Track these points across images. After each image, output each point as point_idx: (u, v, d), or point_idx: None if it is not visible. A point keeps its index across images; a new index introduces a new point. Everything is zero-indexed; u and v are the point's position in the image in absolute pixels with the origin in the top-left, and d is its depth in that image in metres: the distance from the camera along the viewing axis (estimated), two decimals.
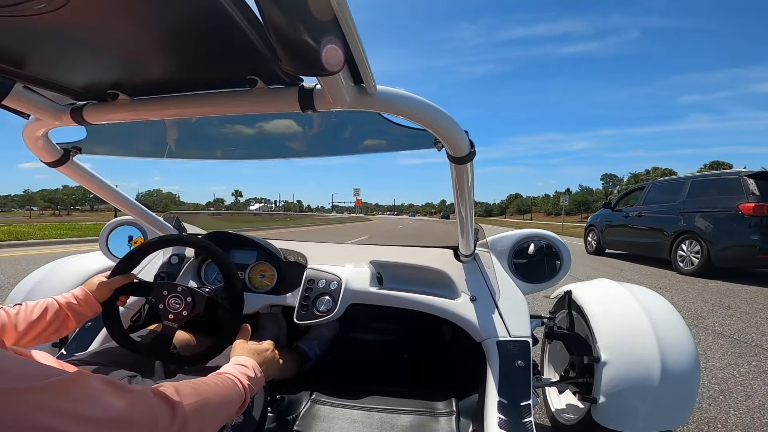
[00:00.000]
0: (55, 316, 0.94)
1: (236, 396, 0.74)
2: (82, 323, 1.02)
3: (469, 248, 1.40)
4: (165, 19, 0.55)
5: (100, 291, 1.04)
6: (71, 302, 0.99)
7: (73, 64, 0.69)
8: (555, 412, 1.64)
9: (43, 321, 0.92)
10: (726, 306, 4.34)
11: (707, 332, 3.37)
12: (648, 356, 1.22)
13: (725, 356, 2.81)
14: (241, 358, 0.89)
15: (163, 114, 0.83)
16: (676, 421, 1.22)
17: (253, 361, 0.89)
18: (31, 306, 0.93)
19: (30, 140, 1.00)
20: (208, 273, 1.54)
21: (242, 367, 0.84)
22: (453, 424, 1.19)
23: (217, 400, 0.68)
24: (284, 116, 1.09)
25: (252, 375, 0.83)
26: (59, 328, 0.96)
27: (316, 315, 1.33)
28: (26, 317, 0.90)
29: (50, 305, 0.95)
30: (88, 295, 1.02)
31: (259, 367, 0.88)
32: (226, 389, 0.73)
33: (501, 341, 1.20)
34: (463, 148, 0.89)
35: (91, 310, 1.02)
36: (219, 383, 0.73)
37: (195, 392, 0.63)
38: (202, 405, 0.63)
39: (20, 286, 1.68)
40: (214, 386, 0.70)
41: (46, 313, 0.93)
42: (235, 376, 0.78)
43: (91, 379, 0.49)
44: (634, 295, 1.44)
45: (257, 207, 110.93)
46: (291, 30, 0.50)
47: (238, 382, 0.77)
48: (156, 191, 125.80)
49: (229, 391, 0.73)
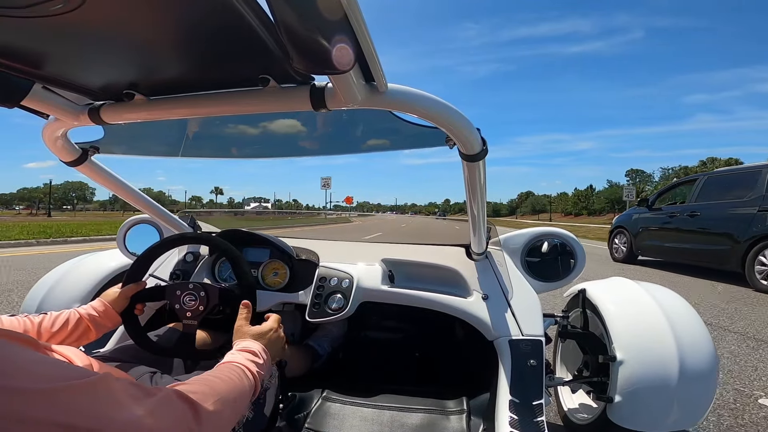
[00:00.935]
0: (76, 326, 0.96)
1: (248, 386, 0.74)
2: (102, 334, 1.04)
3: (481, 246, 1.39)
4: (179, 20, 0.56)
5: (117, 302, 1.06)
6: (91, 314, 1.00)
7: (89, 65, 0.71)
8: (568, 412, 1.63)
9: (64, 331, 0.94)
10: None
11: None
12: (666, 355, 1.20)
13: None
14: (246, 342, 0.87)
15: (177, 113, 0.84)
16: (693, 420, 1.21)
17: (258, 344, 0.87)
18: (54, 316, 0.95)
19: (49, 140, 1.03)
20: (221, 270, 1.56)
21: (249, 354, 0.83)
22: (464, 422, 1.19)
23: (234, 394, 0.68)
24: (295, 115, 1.10)
25: (260, 361, 0.82)
26: (80, 338, 0.98)
27: (328, 313, 1.34)
28: (49, 327, 0.92)
29: (72, 316, 0.97)
30: (107, 306, 1.04)
31: (265, 351, 0.87)
32: (239, 381, 0.73)
33: (513, 340, 1.20)
34: (475, 145, 0.88)
35: (111, 321, 1.04)
36: (232, 376, 0.73)
37: (212, 390, 0.64)
38: (221, 402, 0.63)
39: (40, 284, 1.72)
40: (228, 381, 0.70)
41: (68, 324, 0.95)
42: (245, 365, 0.78)
43: (116, 382, 0.50)
44: (651, 294, 1.42)
45: (254, 206, 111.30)
46: (302, 29, 0.51)
47: (248, 372, 0.77)
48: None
49: (242, 383, 0.73)
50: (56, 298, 1.63)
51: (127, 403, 0.49)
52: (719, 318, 3.71)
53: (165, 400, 0.54)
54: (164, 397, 0.54)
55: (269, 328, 0.96)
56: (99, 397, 0.47)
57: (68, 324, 0.95)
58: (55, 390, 0.43)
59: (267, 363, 0.86)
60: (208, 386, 0.65)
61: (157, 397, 0.53)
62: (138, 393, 0.51)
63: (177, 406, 0.55)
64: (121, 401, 0.48)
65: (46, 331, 0.91)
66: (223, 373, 0.73)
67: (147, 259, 1.15)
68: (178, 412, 0.55)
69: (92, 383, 0.47)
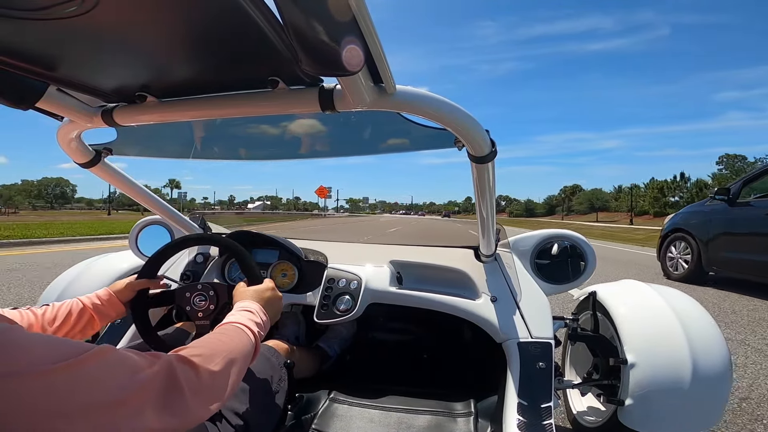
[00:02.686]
0: (80, 316, 0.97)
1: (249, 345, 0.75)
2: (106, 324, 1.04)
3: (490, 248, 1.38)
4: (189, 22, 0.56)
5: (123, 292, 1.06)
6: (95, 302, 1.01)
7: (102, 67, 0.72)
8: (577, 415, 1.61)
9: (69, 321, 0.95)
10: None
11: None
12: (678, 358, 1.18)
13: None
14: (245, 303, 0.88)
15: (189, 115, 0.85)
16: (706, 424, 1.19)
17: (256, 304, 0.88)
18: (57, 306, 0.96)
19: (64, 142, 1.04)
20: (231, 271, 1.57)
21: (248, 313, 0.83)
22: (471, 425, 1.18)
23: (234, 354, 0.69)
24: (304, 117, 1.10)
25: (258, 320, 0.83)
26: (85, 328, 0.99)
27: (336, 314, 1.34)
28: (53, 318, 0.93)
29: (75, 305, 0.98)
30: (111, 295, 1.04)
31: (264, 311, 0.88)
32: (240, 340, 0.73)
33: (522, 342, 1.19)
34: (484, 147, 0.88)
35: (115, 310, 1.05)
36: (233, 336, 0.73)
37: (214, 351, 0.65)
38: (223, 362, 0.64)
39: (54, 285, 1.75)
40: (229, 341, 0.71)
41: (71, 313, 0.96)
42: (244, 324, 0.79)
43: (115, 352, 0.51)
44: (663, 297, 1.40)
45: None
46: (310, 31, 0.51)
47: (248, 330, 0.77)
48: None
49: (242, 342, 0.74)
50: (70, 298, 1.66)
51: (130, 371, 0.50)
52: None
53: (165, 363, 0.55)
54: (165, 360, 0.55)
55: (266, 287, 0.97)
56: (102, 368, 0.48)
57: (72, 314, 0.96)
58: (55, 369, 0.44)
59: (266, 322, 0.87)
60: (210, 348, 0.66)
61: (159, 360, 0.54)
62: (140, 361, 0.52)
63: (177, 367, 0.56)
64: (124, 370, 0.50)
65: (49, 323, 0.92)
66: (223, 333, 0.74)
67: (158, 260, 1.16)
68: (179, 373, 0.55)
69: (93, 355, 0.48)
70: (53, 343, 0.48)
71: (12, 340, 0.44)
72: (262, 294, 0.94)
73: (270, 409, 1.02)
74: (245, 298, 0.91)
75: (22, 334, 0.46)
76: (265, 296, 0.94)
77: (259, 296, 0.93)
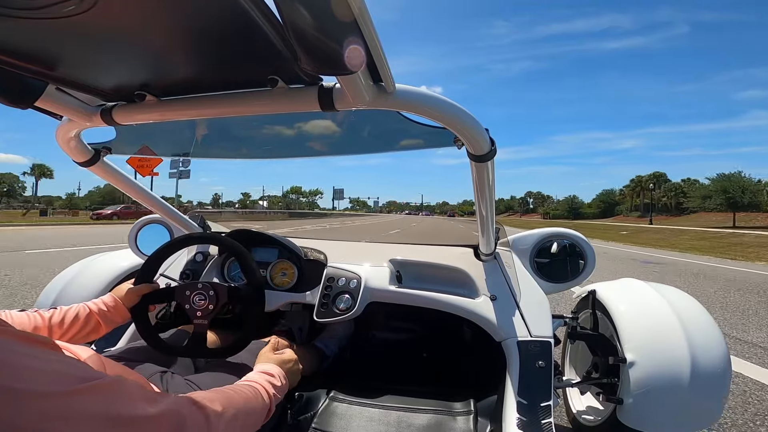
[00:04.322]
0: (86, 322, 0.98)
1: (263, 405, 0.76)
2: (111, 329, 1.05)
3: (489, 247, 1.38)
4: (188, 21, 0.56)
5: (127, 297, 1.07)
6: (102, 309, 1.02)
7: (101, 66, 0.72)
8: (576, 413, 1.61)
9: (75, 326, 0.96)
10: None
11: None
12: (678, 356, 1.19)
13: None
14: (267, 366, 0.91)
15: (188, 114, 0.85)
16: (704, 423, 1.19)
17: (279, 369, 0.91)
18: (64, 310, 0.96)
19: (63, 141, 1.04)
20: (231, 270, 1.57)
21: (269, 376, 0.85)
22: (471, 423, 1.18)
23: (246, 409, 0.70)
24: (303, 115, 1.10)
25: (278, 384, 0.85)
26: (90, 333, 1.00)
27: (336, 313, 1.34)
28: (59, 322, 0.93)
29: (82, 311, 0.99)
30: (117, 302, 1.05)
31: (285, 377, 0.91)
32: (255, 398, 0.75)
33: (522, 341, 1.19)
34: (483, 146, 0.87)
35: (121, 316, 1.06)
36: (248, 392, 0.74)
37: (227, 401, 0.65)
38: (233, 415, 0.64)
39: (53, 283, 1.75)
40: (244, 396, 0.72)
41: (78, 318, 0.97)
42: (262, 385, 0.80)
43: (128, 385, 0.51)
44: (663, 295, 1.40)
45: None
46: (310, 30, 0.51)
47: (264, 392, 0.79)
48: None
49: (257, 400, 0.75)
50: (69, 297, 1.66)
51: (136, 405, 0.50)
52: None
53: (175, 403, 0.55)
54: (174, 401, 0.55)
55: (290, 358, 1.01)
56: (110, 399, 0.47)
57: (78, 319, 0.97)
58: (68, 393, 0.44)
59: (284, 387, 0.89)
60: (224, 397, 0.66)
61: (168, 401, 0.54)
62: (148, 395, 0.52)
63: (186, 411, 0.56)
64: (131, 403, 0.49)
65: (56, 327, 0.92)
66: (239, 387, 0.75)
67: (158, 259, 1.16)
68: (186, 416, 0.55)
69: (104, 384, 0.47)
70: (60, 371, 0.47)
71: (12, 362, 0.43)
72: (286, 363, 0.98)
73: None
74: (269, 362, 0.94)
75: (26, 353, 0.46)
76: (288, 366, 0.98)
77: (283, 363, 0.96)
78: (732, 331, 3.60)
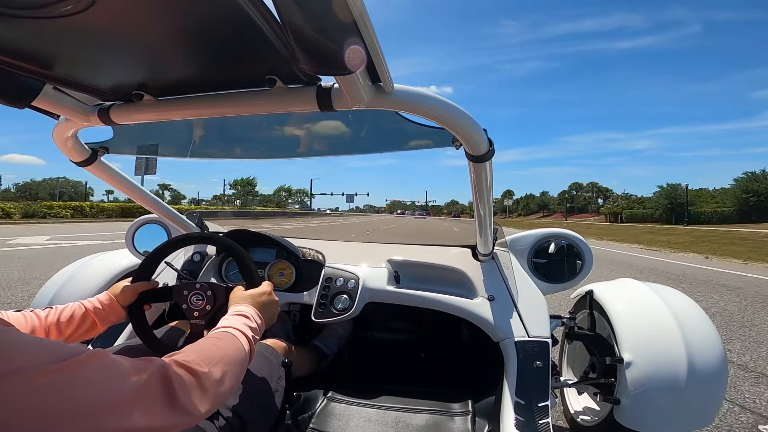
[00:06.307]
0: (82, 320, 0.97)
1: (243, 350, 0.75)
2: (107, 327, 1.04)
3: (487, 247, 1.38)
4: (186, 21, 0.56)
5: (123, 295, 1.06)
6: (97, 307, 1.01)
7: (99, 65, 0.71)
8: (574, 414, 1.62)
9: (71, 325, 0.95)
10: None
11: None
12: (675, 357, 1.19)
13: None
14: (240, 306, 0.88)
15: (185, 114, 0.85)
16: (702, 423, 1.20)
17: (252, 308, 0.88)
18: (60, 309, 0.96)
19: (60, 140, 1.04)
20: (228, 269, 1.57)
21: (243, 318, 0.83)
22: (468, 424, 1.19)
23: (229, 359, 0.69)
24: (301, 115, 1.10)
25: (253, 325, 0.83)
26: (86, 332, 0.99)
27: (334, 313, 1.34)
28: (55, 322, 0.93)
29: (77, 309, 0.98)
30: (112, 300, 1.04)
31: (259, 315, 0.88)
32: (234, 345, 0.73)
33: (519, 341, 1.19)
34: (481, 146, 0.87)
35: (116, 315, 1.05)
36: (227, 342, 0.73)
37: (208, 357, 0.65)
38: (217, 367, 0.64)
39: (50, 282, 1.74)
40: (224, 347, 0.71)
41: (74, 317, 0.96)
42: (239, 329, 0.78)
43: (112, 357, 0.51)
44: (660, 295, 1.41)
45: None
46: (308, 30, 0.51)
47: (242, 336, 0.77)
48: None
49: (237, 347, 0.73)
50: (67, 296, 1.65)
51: (124, 375, 0.50)
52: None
53: (160, 369, 0.55)
54: (159, 367, 0.55)
55: (262, 291, 0.96)
56: (96, 371, 0.48)
57: (74, 318, 0.96)
58: (51, 370, 0.44)
59: (261, 326, 0.86)
60: (203, 352, 0.65)
61: (153, 367, 0.54)
62: (134, 365, 0.52)
63: (172, 373, 0.56)
64: (118, 373, 0.50)
65: (53, 326, 0.92)
66: (217, 339, 0.74)
67: (155, 259, 1.15)
68: (173, 378, 0.55)
69: (88, 358, 0.48)
70: (48, 346, 0.48)
71: (6, 341, 0.44)
72: (258, 297, 0.94)
73: (268, 408, 1.02)
74: (241, 302, 0.91)
75: (17, 336, 0.46)
76: (261, 300, 0.94)
77: (255, 300, 0.93)
78: None
